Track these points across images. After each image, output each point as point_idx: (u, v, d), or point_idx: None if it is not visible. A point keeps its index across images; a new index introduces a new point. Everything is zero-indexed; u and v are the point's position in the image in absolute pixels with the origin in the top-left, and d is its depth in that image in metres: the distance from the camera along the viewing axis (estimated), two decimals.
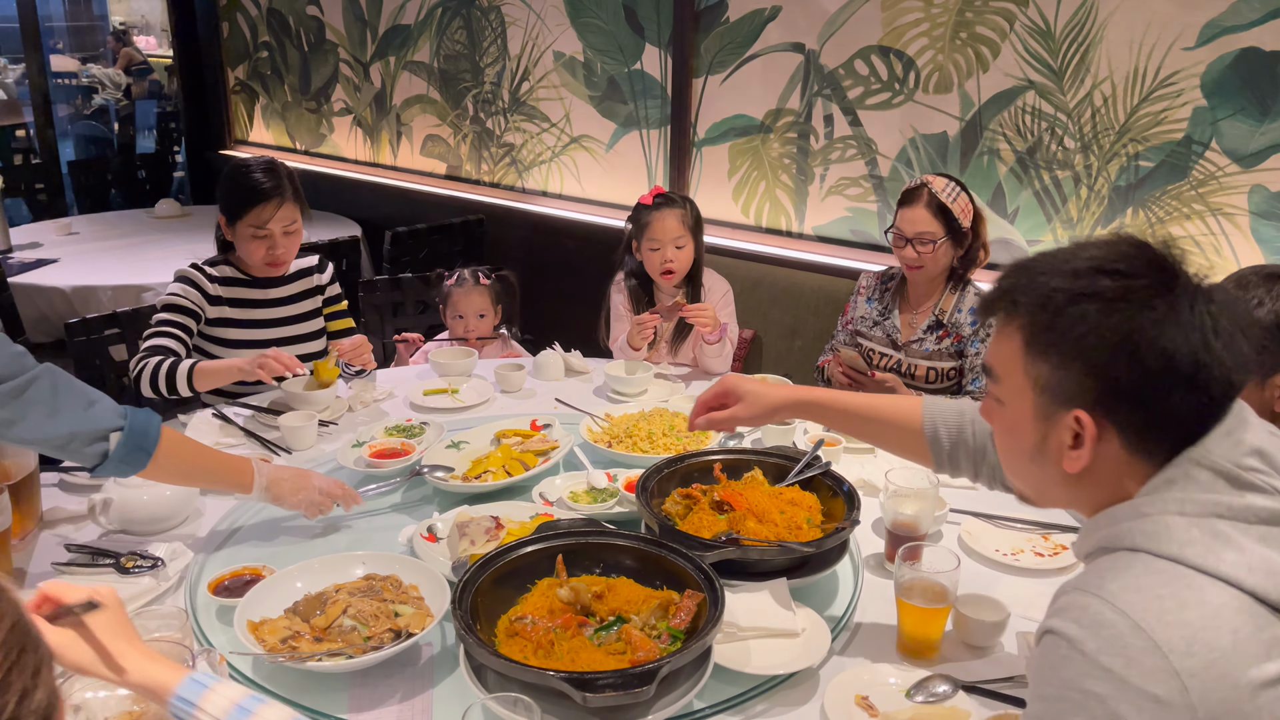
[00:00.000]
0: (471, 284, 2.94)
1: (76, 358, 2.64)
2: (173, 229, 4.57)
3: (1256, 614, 0.89)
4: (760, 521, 1.60)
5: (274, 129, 5.55)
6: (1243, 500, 0.94)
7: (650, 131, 3.84)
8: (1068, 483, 1.04)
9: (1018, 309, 1.03)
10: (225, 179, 2.45)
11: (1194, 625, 0.87)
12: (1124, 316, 0.95)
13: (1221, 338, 0.95)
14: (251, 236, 2.42)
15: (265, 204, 2.38)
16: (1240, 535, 0.93)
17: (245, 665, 1.38)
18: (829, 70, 3.31)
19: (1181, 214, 2.77)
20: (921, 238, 2.56)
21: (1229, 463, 0.96)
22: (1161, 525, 0.94)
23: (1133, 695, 0.86)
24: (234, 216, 2.41)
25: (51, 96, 5.76)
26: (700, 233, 2.79)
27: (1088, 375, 0.97)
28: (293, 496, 1.75)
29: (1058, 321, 0.99)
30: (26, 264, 3.82)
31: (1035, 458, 1.05)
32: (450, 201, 4.53)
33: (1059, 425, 1.01)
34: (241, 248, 2.46)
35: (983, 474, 1.46)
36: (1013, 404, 1.06)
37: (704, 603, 1.37)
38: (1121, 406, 0.97)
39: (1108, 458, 1.00)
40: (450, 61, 4.48)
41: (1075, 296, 0.98)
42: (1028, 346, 1.02)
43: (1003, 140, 3.02)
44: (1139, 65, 2.73)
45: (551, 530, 1.54)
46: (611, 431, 2.15)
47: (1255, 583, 0.90)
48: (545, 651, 1.30)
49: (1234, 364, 0.96)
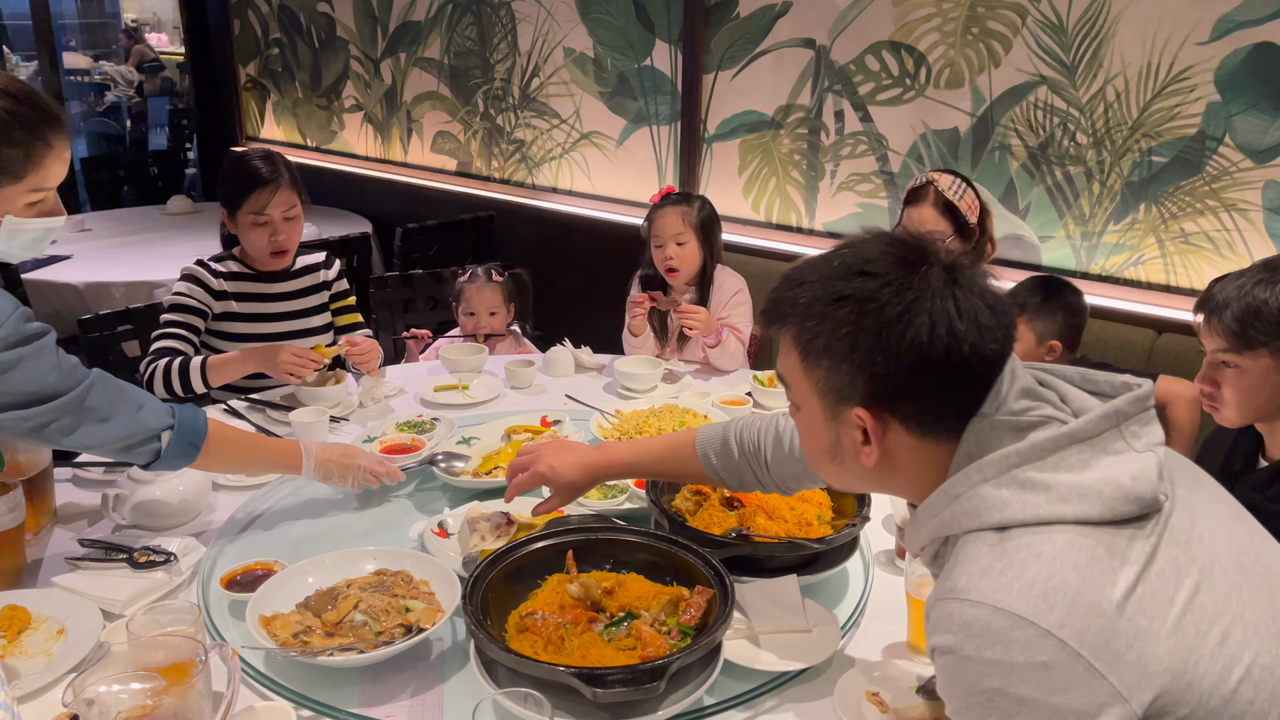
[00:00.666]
0: (484, 281, 2.94)
1: (89, 354, 2.66)
2: (185, 225, 4.59)
3: (1089, 537, 0.93)
4: (770, 518, 1.60)
5: (285, 125, 5.56)
6: (1028, 442, 0.98)
7: (660, 127, 3.84)
8: (871, 475, 1.08)
9: (787, 320, 1.07)
10: (224, 171, 2.47)
11: (1040, 581, 0.90)
12: (874, 316, 0.99)
13: (965, 317, 0.98)
14: (252, 224, 2.42)
15: (263, 189, 2.38)
16: (1041, 474, 0.96)
17: (257, 659, 1.39)
18: (840, 66, 3.30)
19: (1195, 209, 2.75)
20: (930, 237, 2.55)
21: (1005, 415, 1.00)
22: (976, 499, 0.98)
23: (1024, 673, 0.88)
24: (234, 205, 2.42)
25: (64, 94, 5.77)
26: (711, 231, 2.76)
27: (857, 375, 1.01)
28: (341, 475, 1.83)
29: (821, 327, 1.03)
30: (40, 260, 3.83)
31: (835, 456, 1.09)
32: (460, 198, 4.53)
33: (846, 424, 1.05)
34: (245, 238, 2.47)
35: (767, 479, 1.48)
36: (805, 408, 1.10)
37: (714, 599, 1.37)
38: (894, 399, 1.02)
39: (901, 446, 1.04)
40: (461, 58, 4.49)
41: (831, 302, 1.02)
42: (802, 355, 1.06)
43: (1014, 136, 3.00)
44: (1152, 60, 2.72)
45: (562, 526, 1.55)
46: (622, 428, 2.15)
47: (1072, 510, 0.94)
48: (555, 647, 1.31)
49: (980, 338, 0.99)
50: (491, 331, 2.94)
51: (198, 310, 2.43)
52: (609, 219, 3.99)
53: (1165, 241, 2.82)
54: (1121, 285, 2.91)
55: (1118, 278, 2.92)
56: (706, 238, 2.75)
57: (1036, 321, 2.36)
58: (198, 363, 2.27)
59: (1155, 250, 2.84)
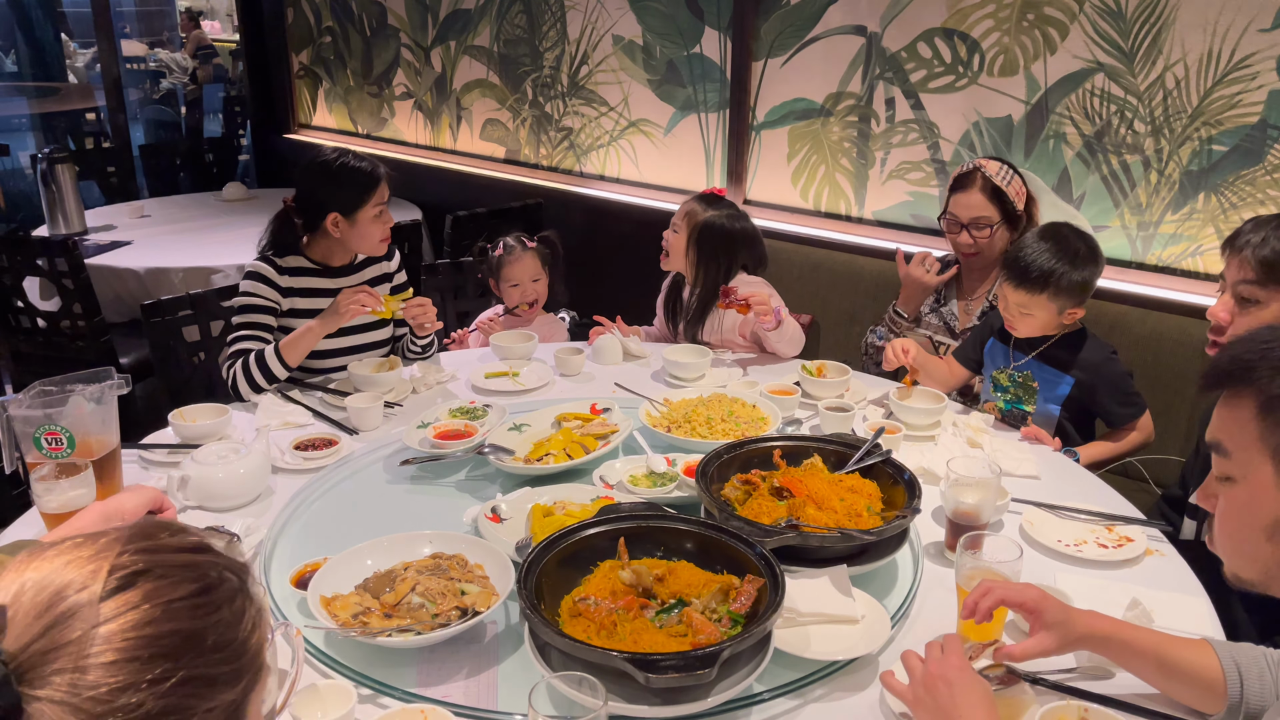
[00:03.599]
0: (520, 250, 3.01)
1: (152, 338, 2.73)
2: (239, 211, 4.68)
3: None
4: (820, 508, 1.61)
5: (336, 113, 5.64)
6: None
7: (709, 115, 3.84)
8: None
9: (1249, 377, 1.01)
10: (329, 177, 2.45)
11: None
12: None
13: None
14: (374, 218, 2.49)
15: (381, 183, 2.49)
16: None
17: (318, 638, 1.43)
18: (891, 53, 3.28)
19: (1255, 199, 2.70)
20: (977, 223, 2.53)
21: None
22: None
23: None
24: (356, 205, 2.45)
25: (122, 81, 5.90)
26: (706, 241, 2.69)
27: None
28: None
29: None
30: (102, 246, 3.94)
31: (1275, 534, 1.01)
32: (509, 185, 4.57)
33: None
34: (362, 234, 2.50)
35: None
36: (1248, 478, 1.03)
37: (764, 588, 1.38)
38: None
39: None
40: (510, 46, 4.51)
41: None
42: (1264, 414, 0.99)
43: (1069, 124, 2.96)
44: (1213, 47, 2.66)
45: (613, 513, 1.57)
46: (670, 416, 2.17)
47: None
48: (608, 632, 1.33)
49: None
50: (538, 298, 3.01)
51: (268, 309, 2.48)
52: (657, 206, 3.99)
53: (1225, 232, 2.76)
54: (1179, 276, 2.86)
55: (1175, 268, 2.87)
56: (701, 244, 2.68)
57: (1059, 296, 2.21)
58: (271, 349, 2.34)
59: (1214, 241, 2.79)
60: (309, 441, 2.08)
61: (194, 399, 2.26)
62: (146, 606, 0.70)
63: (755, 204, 3.77)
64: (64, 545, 0.73)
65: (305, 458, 2.01)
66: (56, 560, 0.72)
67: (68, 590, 0.69)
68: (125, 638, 0.68)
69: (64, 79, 8.18)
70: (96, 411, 1.77)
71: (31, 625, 0.68)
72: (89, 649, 0.67)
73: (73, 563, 0.71)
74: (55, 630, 0.68)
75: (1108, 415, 2.33)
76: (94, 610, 0.68)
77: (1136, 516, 1.85)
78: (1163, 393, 2.67)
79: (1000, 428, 2.25)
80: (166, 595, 0.71)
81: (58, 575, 0.71)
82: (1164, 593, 1.60)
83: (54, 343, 3.55)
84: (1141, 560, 1.71)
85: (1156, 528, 1.81)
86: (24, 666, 0.67)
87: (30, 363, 3.64)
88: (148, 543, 0.74)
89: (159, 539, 0.75)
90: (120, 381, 1.81)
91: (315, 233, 2.52)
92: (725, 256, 2.71)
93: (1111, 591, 1.57)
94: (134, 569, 0.71)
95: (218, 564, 0.76)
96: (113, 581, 0.70)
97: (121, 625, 0.68)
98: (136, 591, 0.70)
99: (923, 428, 2.20)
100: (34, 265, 3.42)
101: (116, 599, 0.69)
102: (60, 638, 0.67)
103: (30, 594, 0.70)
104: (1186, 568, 1.69)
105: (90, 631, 0.68)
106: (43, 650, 0.67)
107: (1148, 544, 1.74)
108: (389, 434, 2.17)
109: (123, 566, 0.71)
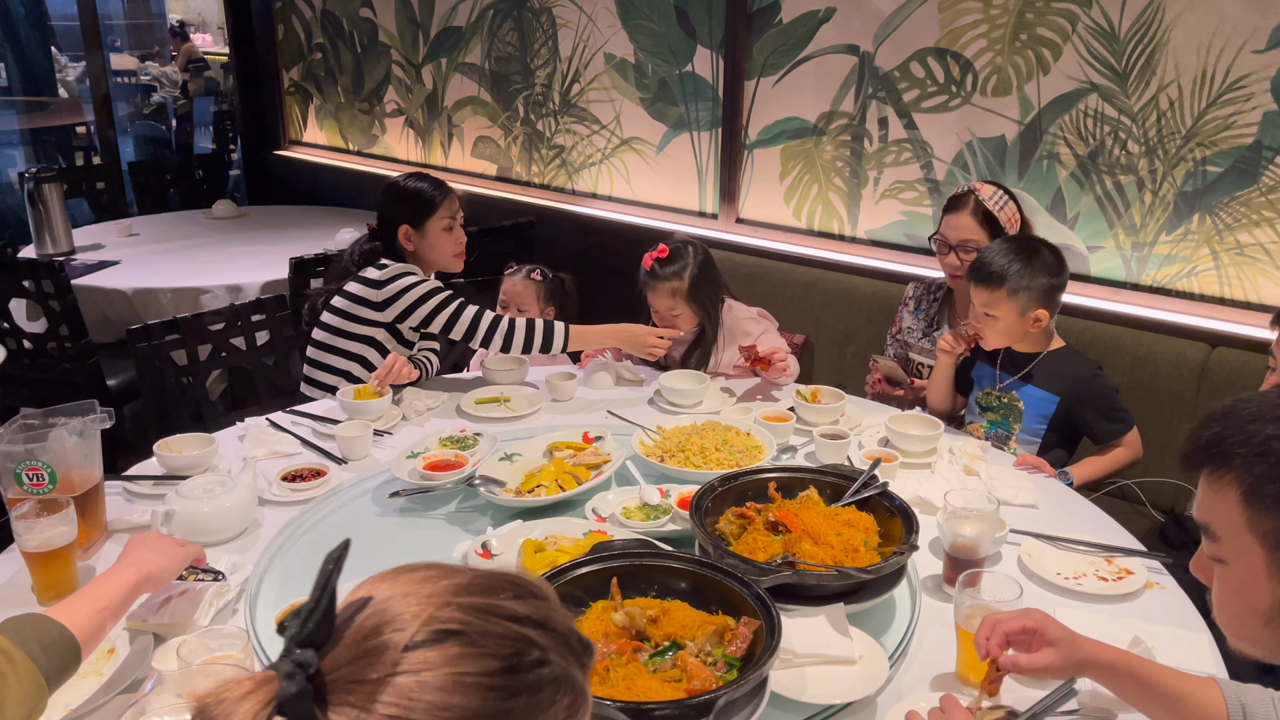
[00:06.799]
0: (521, 276, 3.01)
1: (138, 363, 2.69)
2: (229, 230, 4.65)
3: None
4: (816, 544, 1.58)
5: (327, 129, 5.61)
6: None
7: (701, 133, 3.82)
8: None
9: (1230, 461, 0.97)
10: (400, 196, 2.66)
11: None
12: None
13: None
14: (444, 229, 2.66)
15: (450, 195, 2.68)
16: None
17: None
18: (884, 72, 3.27)
19: (1250, 221, 2.69)
20: (965, 245, 2.52)
21: None
22: None
23: None
24: (425, 216, 2.64)
25: (111, 95, 5.86)
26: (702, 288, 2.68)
27: None
28: None
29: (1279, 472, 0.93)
30: (90, 266, 3.90)
31: (1273, 619, 0.97)
32: (500, 203, 4.54)
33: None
34: (434, 246, 2.67)
35: None
36: (1239, 563, 0.99)
37: (760, 630, 1.35)
38: None
39: None
40: (501, 63, 4.49)
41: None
42: (1249, 500, 0.96)
43: (1063, 144, 2.95)
44: (1207, 68, 2.66)
45: (606, 551, 1.54)
46: (664, 445, 2.14)
47: None
48: (600, 678, 1.30)
49: None
50: None
51: None
52: (649, 225, 3.97)
53: (1220, 253, 2.75)
54: (1173, 297, 2.85)
55: (1170, 289, 2.86)
56: (699, 299, 2.68)
57: (1019, 293, 2.22)
58: (562, 326, 2.55)
59: (1209, 262, 2.78)
60: (296, 472, 2.05)
61: (182, 423, 2.22)
62: (442, 671, 0.65)
63: (748, 223, 3.75)
64: (422, 571, 0.72)
65: (293, 489, 1.98)
66: (407, 585, 0.70)
67: (389, 626, 0.67)
68: (411, 696, 0.64)
69: (53, 93, 8.13)
70: (79, 445, 1.73)
71: (351, 648, 0.66)
72: (378, 694, 0.64)
73: (410, 596, 0.69)
74: (362, 662, 0.66)
75: (1094, 432, 2.32)
76: (396, 656, 0.65)
77: (1137, 549, 1.83)
78: (1157, 414, 2.65)
79: (995, 453, 2.23)
80: (465, 666, 0.66)
81: (394, 604, 0.68)
82: (1166, 628, 1.57)
83: (40, 364, 3.51)
84: (1142, 594, 1.68)
85: (1157, 559, 1.79)
86: (327, 688, 0.65)
87: (16, 385, 3.60)
88: (479, 599, 0.70)
89: (496, 598, 0.70)
90: (104, 415, 1.77)
91: (393, 254, 2.65)
92: (715, 291, 2.75)
93: (1113, 629, 1.54)
94: (448, 626, 0.67)
95: (543, 645, 0.70)
96: (424, 633, 0.66)
97: (411, 683, 0.65)
98: (440, 651, 0.66)
99: (919, 454, 2.18)
100: (20, 287, 3.38)
101: (420, 652, 0.66)
102: (362, 673, 0.65)
103: (368, 612, 0.68)
104: (1187, 601, 1.67)
105: (385, 678, 0.65)
106: (346, 679, 0.65)
107: (1148, 576, 1.72)
108: (378, 463, 2.14)
109: (440, 620, 0.67)
